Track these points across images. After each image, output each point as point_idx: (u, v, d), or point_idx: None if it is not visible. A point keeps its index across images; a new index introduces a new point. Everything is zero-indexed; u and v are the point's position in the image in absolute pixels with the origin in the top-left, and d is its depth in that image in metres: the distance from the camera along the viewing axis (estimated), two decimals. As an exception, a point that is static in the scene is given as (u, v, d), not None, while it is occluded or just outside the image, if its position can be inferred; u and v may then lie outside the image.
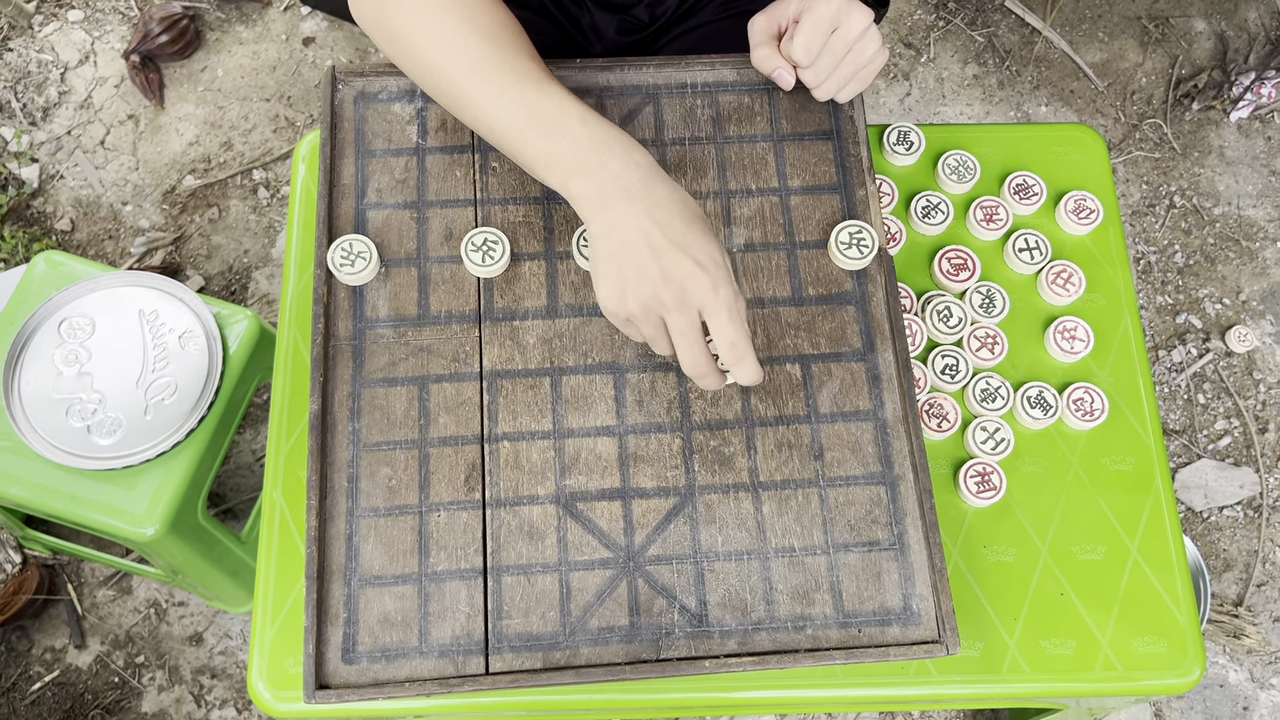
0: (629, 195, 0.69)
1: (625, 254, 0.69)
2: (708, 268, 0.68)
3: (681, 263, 0.68)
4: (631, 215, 0.69)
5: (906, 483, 0.76)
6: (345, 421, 0.75)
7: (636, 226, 0.69)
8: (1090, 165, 0.96)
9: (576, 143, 0.70)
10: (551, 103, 0.72)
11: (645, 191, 0.69)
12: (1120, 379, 0.88)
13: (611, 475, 0.75)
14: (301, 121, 1.63)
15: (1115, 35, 1.74)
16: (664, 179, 0.71)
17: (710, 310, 0.68)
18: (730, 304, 0.68)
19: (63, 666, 1.32)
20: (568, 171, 0.71)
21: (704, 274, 0.67)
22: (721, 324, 0.68)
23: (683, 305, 0.68)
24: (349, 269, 0.78)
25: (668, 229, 0.68)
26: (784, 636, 0.72)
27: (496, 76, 0.73)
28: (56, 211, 1.57)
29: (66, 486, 1.07)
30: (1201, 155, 1.66)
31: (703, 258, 0.68)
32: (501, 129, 0.73)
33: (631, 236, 0.69)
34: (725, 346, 0.68)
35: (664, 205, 0.69)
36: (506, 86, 0.72)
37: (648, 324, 0.70)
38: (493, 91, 0.73)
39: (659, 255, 0.68)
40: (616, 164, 0.70)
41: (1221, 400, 1.52)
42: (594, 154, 0.70)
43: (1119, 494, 0.84)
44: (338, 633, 0.71)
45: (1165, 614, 0.82)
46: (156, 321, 1.11)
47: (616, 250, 0.69)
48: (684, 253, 0.68)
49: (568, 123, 0.71)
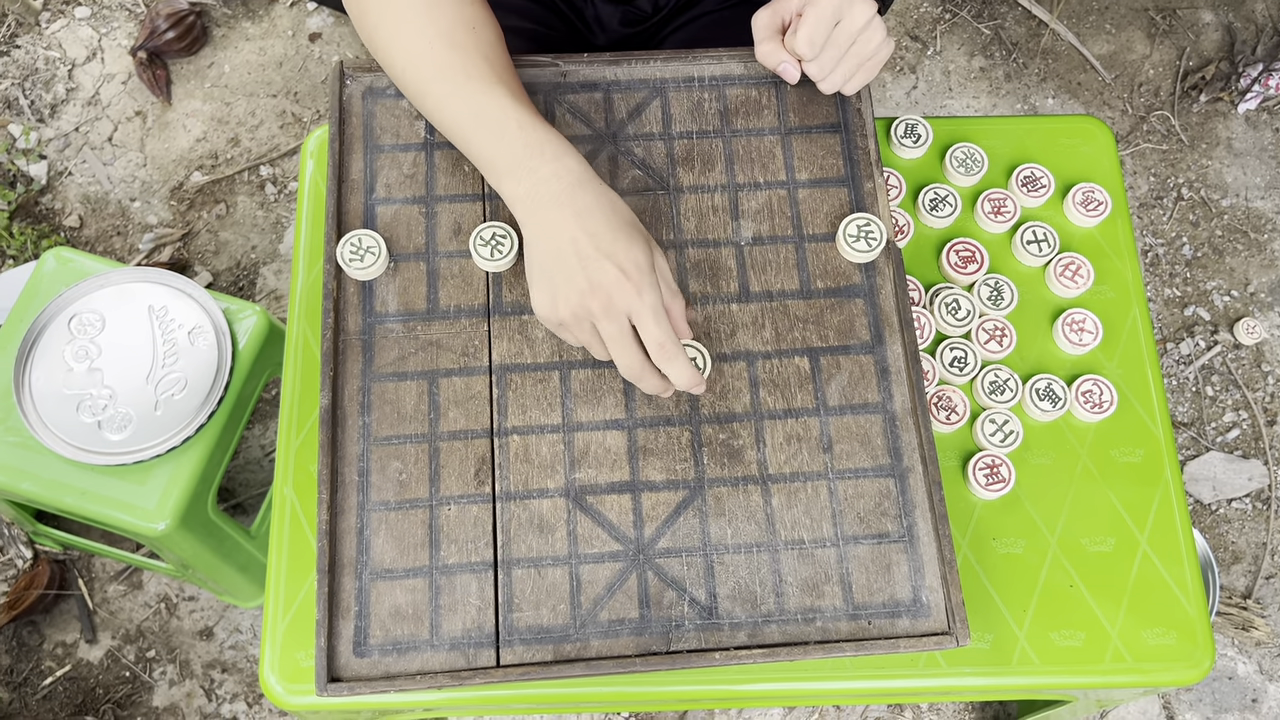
0: (557, 201, 0.71)
1: (554, 262, 0.71)
2: (631, 274, 0.69)
3: (607, 271, 0.69)
4: (560, 222, 0.71)
5: (916, 475, 0.76)
6: (355, 416, 0.76)
7: (565, 234, 0.70)
8: (1098, 157, 0.95)
9: (511, 146, 0.73)
10: (494, 105, 0.74)
11: (573, 198, 0.71)
12: (1129, 371, 0.88)
13: (621, 468, 0.75)
14: (308, 117, 1.64)
15: (1122, 27, 1.73)
16: (594, 185, 0.72)
17: (636, 315, 0.70)
18: (654, 307, 0.69)
19: (74, 661, 1.33)
20: (501, 173, 0.73)
21: (628, 281, 0.69)
22: (647, 328, 0.70)
23: (609, 312, 0.69)
24: (358, 264, 0.78)
25: (595, 237, 0.70)
26: (794, 629, 0.72)
27: (449, 77, 0.75)
28: (65, 208, 1.57)
29: (77, 482, 1.08)
30: (1209, 147, 1.66)
31: (627, 264, 0.69)
32: (451, 128, 0.76)
33: (560, 244, 0.70)
34: (654, 349, 0.70)
35: (592, 212, 0.71)
36: (456, 87, 0.74)
37: (581, 330, 0.71)
38: (444, 91, 0.75)
39: (585, 264, 0.69)
40: (547, 169, 0.72)
41: (1230, 392, 1.52)
42: (526, 157, 0.72)
43: (1128, 486, 0.84)
44: (349, 626, 0.71)
45: (1175, 605, 0.82)
46: (166, 317, 1.12)
47: (546, 258, 0.71)
48: (609, 260, 0.69)
49: (505, 126, 0.73)
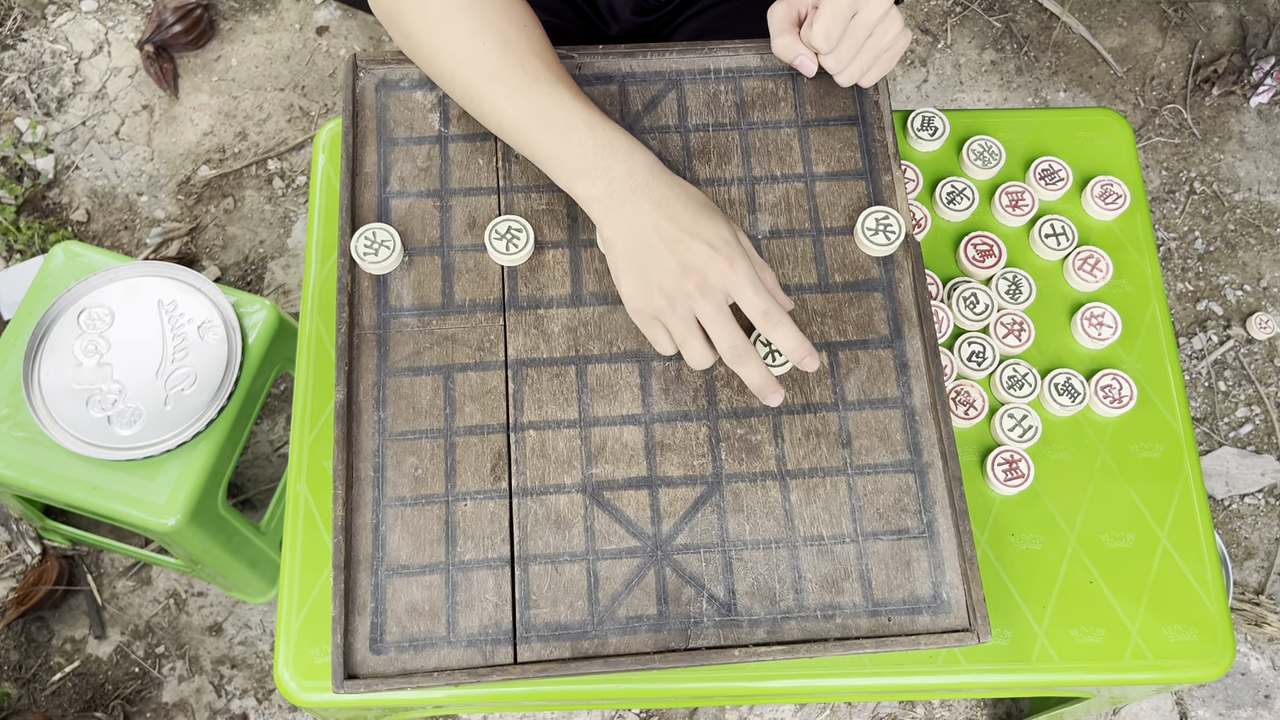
0: (634, 196, 0.71)
1: (641, 252, 0.71)
2: (721, 249, 0.70)
3: (697, 249, 0.70)
4: (639, 214, 0.71)
5: (935, 470, 0.75)
6: (371, 411, 0.75)
7: (648, 223, 0.71)
8: (1116, 150, 0.95)
9: (581, 147, 0.73)
10: (559, 107, 0.73)
11: (649, 190, 0.72)
12: (1148, 365, 0.87)
13: (638, 464, 0.75)
14: (316, 111, 1.63)
15: (1134, 20, 1.72)
16: (666, 175, 0.73)
17: (733, 287, 0.70)
18: (749, 277, 0.70)
19: (83, 657, 1.32)
20: (574, 174, 0.73)
21: (719, 255, 0.70)
22: (747, 297, 0.70)
23: (706, 290, 0.70)
24: (372, 258, 0.77)
25: (677, 220, 0.71)
26: (813, 625, 0.72)
27: (506, 77, 0.74)
28: (72, 202, 1.57)
29: (87, 477, 1.07)
30: (1221, 141, 1.65)
31: (715, 240, 0.70)
32: (511, 130, 0.75)
33: (644, 234, 0.71)
34: (758, 316, 0.70)
35: (669, 200, 0.71)
36: (516, 88, 0.74)
37: (676, 317, 0.71)
38: (502, 93, 0.74)
39: (673, 247, 0.70)
40: (620, 167, 0.72)
41: (1243, 387, 1.51)
42: (598, 158, 0.72)
43: (1148, 481, 0.84)
44: (365, 623, 0.70)
45: (1195, 602, 0.81)
46: (175, 312, 1.11)
47: (632, 250, 0.72)
48: (697, 239, 0.70)
49: (573, 127, 0.73)
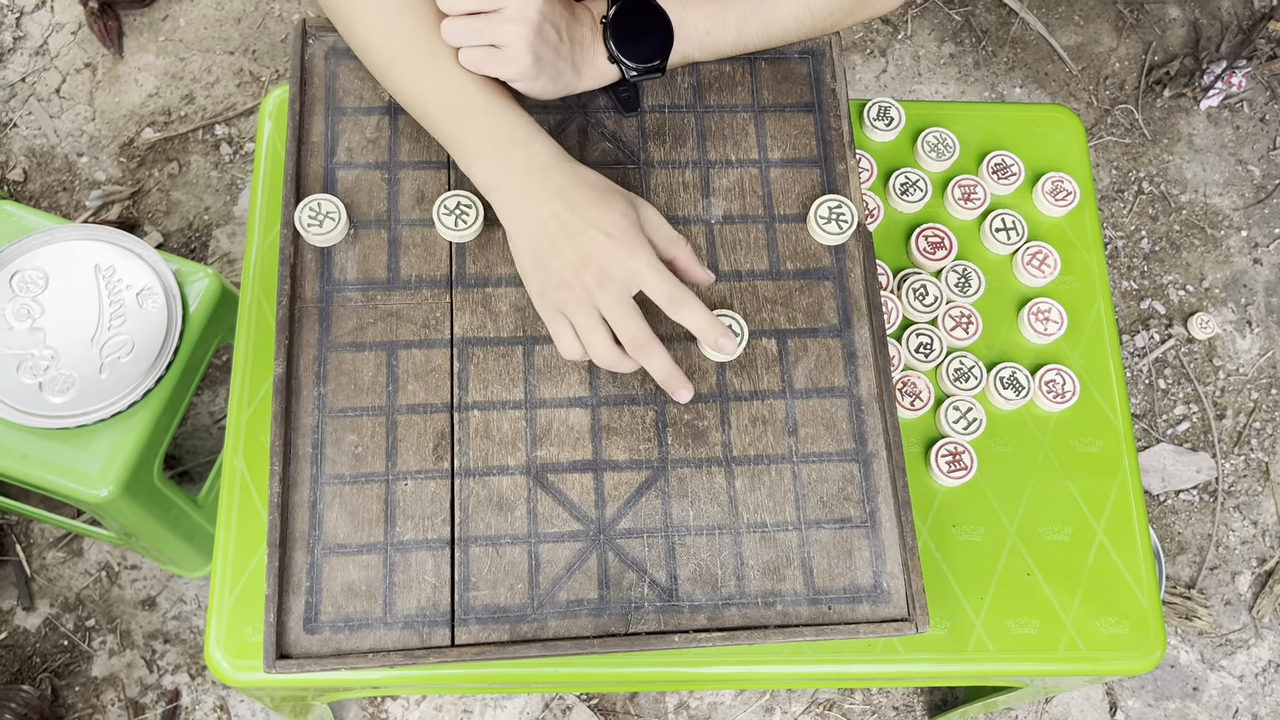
0: (532, 184, 0.70)
1: (541, 244, 0.69)
2: (618, 236, 0.68)
3: (594, 239, 0.68)
4: (537, 204, 0.69)
5: (880, 460, 0.75)
6: (311, 386, 0.74)
7: (546, 212, 0.69)
8: (1068, 147, 0.95)
9: (479, 133, 0.71)
10: (460, 89, 0.71)
11: (547, 178, 0.70)
12: (1091, 361, 0.88)
13: (583, 447, 0.74)
14: (266, 76, 1.59)
15: (1091, 19, 1.74)
16: (567, 163, 0.71)
17: (634, 276, 0.68)
18: (650, 263, 0.68)
19: (10, 629, 1.29)
20: (471, 160, 0.71)
21: (616, 243, 0.68)
22: (650, 283, 0.68)
23: (604, 281, 0.68)
24: (317, 229, 0.76)
25: (576, 209, 0.69)
26: (754, 612, 0.72)
27: (415, 55, 0.72)
28: (9, 161, 1.52)
29: (17, 445, 1.04)
30: (1171, 142, 1.67)
31: (612, 229, 0.68)
32: (416, 108, 0.73)
33: (544, 224, 0.69)
34: (664, 302, 0.68)
35: (568, 188, 0.69)
36: (422, 67, 0.72)
37: (578, 310, 0.69)
38: (410, 70, 0.72)
39: (572, 238, 0.68)
40: (520, 154, 0.70)
41: (1182, 386, 1.54)
42: (496, 144, 0.70)
43: (1087, 476, 0.85)
44: (300, 602, 0.69)
45: (1128, 596, 0.82)
46: (113, 277, 1.08)
47: (532, 243, 0.70)
48: (594, 228, 0.68)
49: (474, 112, 0.71)
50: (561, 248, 0.68)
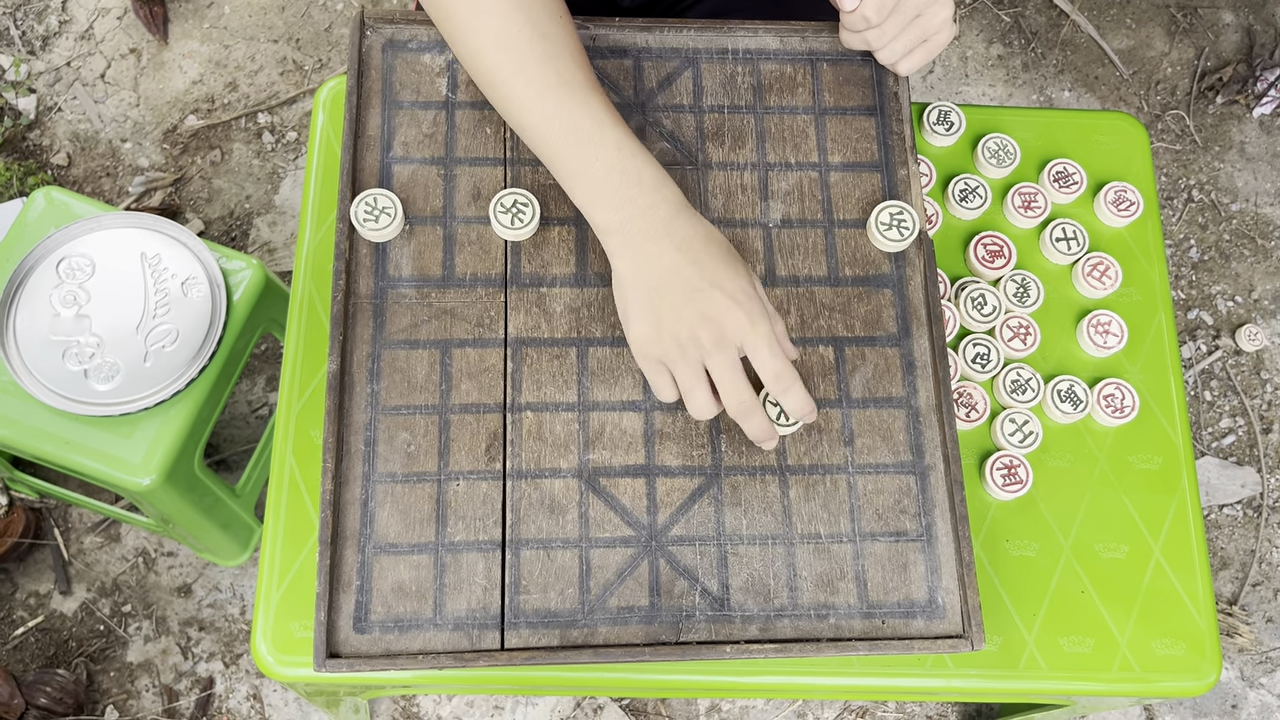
0: (655, 233, 0.68)
1: (658, 294, 0.67)
2: (743, 303, 0.67)
3: (716, 301, 0.66)
4: (660, 254, 0.67)
5: (937, 473, 0.74)
6: (364, 383, 0.73)
7: (668, 264, 0.67)
8: (1131, 155, 0.93)
9: (608, 170, 0.68)
10: (589, 120, 0.69)
11: (671, 229, 0.68)
12: (1151, 376, 0.86)
13: (636, 451, 0.73)
14: (310, 65, 1.59)
15: (1143, 22, 1.71)
16: (691, 214, 0.69)
17: (750, 346, 0.67)
18: (769, 338, 0.67)
19: (47, 612, 1.30)
20: (594, 198, 0.69)
21: (740, 310, 0.66)
22: (763, 359, 0.67)
23: (721, 344, 0.67)
24: (372, 224, 0.75)
25: (700, 266, 0.67)
26: (806, 624, 0.70)
27: (536, 75, 0.69)
28: (53, 145, 1.52)
29: (61, 431, 1.04)
30: (1222, 150, 1.64)
31: (738, 294, 0.67)
32: (532, 132, 0.71)
33: (662, 276, 0.67)
34: (770, 379, 0.68)
35: (692, 243, 0.68)
36: (545, 89, 0.69)
37: (685, 366, 0.68)
38: (530, 91, 0.69)
39: (693, 295, 0.67)
40: (645, 199, 0.68)
41: (1228, 398, 1.51)
42: (623, 185, 0.68)
43: (1145, 493, 0.83)
44: (350, 600, 0.69)
45: (1185, 616, 0.81)
46: (159, 266, 1.08)
47: (647, 290, 0.68)
48: (718, 290, 0.66)
49: (602, 146, 0.68)
50: (680, 302, 0.67)
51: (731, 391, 0.68)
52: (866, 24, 0.76)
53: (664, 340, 0.68)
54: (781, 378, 0.68)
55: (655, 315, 0.68)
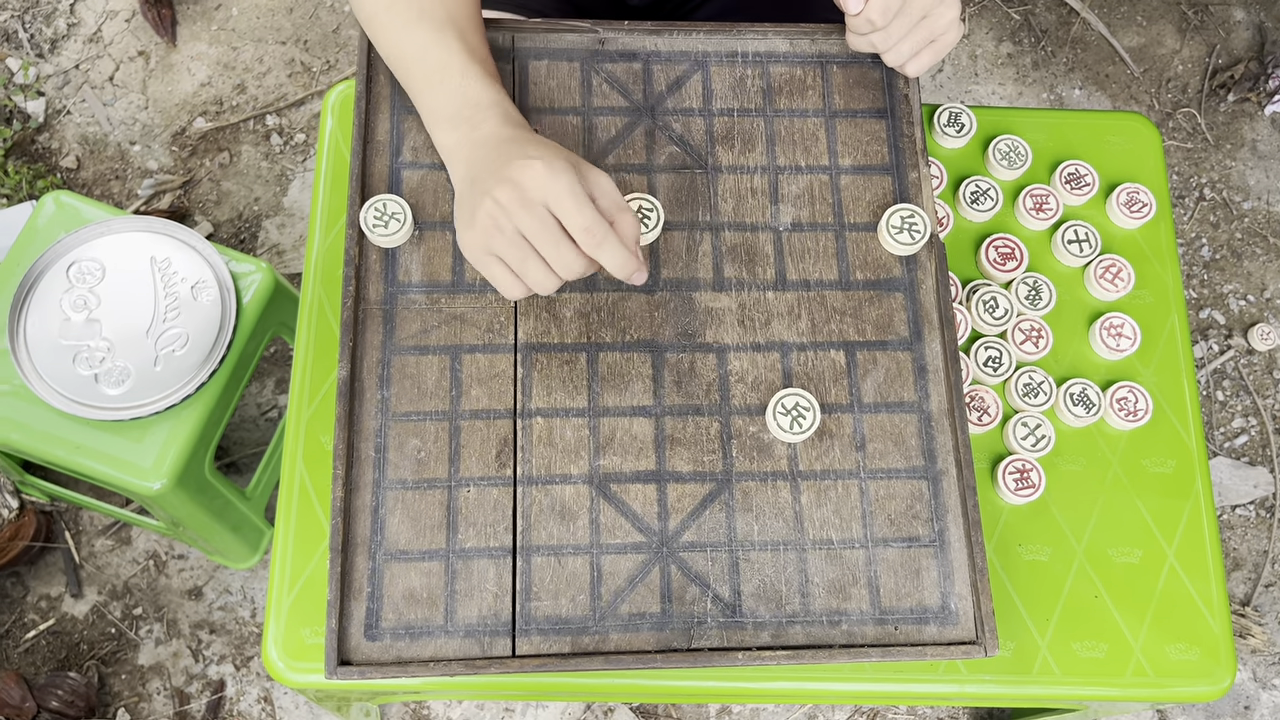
0: (483, 141, 0.69)
1: (471, 186, 0.68)
2: (539, 156, 0.64)
3: (516, 164, 0.65)
4: (485, 152, 0.68)
5: (949, 478, 0.74)
6: (374, 389, 0.73)
7: (482, 157, 0.68)
8: (1144, 156, 0.93)
9: (449, 95, 0.71)
10: (441, 49, 0.71)
11: (499, 136, 0.69)
12: (1165, 379, 0.86)
13: (647, 457, 0.73)
14: (318, 67, 1.59)
15: (1154, 20, 1.70)
16: (522, 125, 0.70)
17: (552, 200, 0.64)
18: (571, 188, 0.63)
19: (58, 615, 1.30)
20: (439, 121, 0.72)
21: (538, 162, 0.64)
22: (567, 210, 0.64)
23: (524, 203, 0.64)
24: (382, 230, 0.75)
25: (507, 149, 0.66)
26: (819, 631, 0.70)
27: (403, 10, 0.73)
28: (62, 148, 1.52)
29: (71, 435, 1.05)
30: (1234, 148, 1.63)
31: (537, 152, 0.65)
32: (394, 64, 0.74)
33: (479, 168, 0.67)
34: (580, 234, 0.64)
35: (516, 138, 0.68)
36: (407, 22, 0.72)
37: (503, 240, 0.65)
38: (396, 24, 0.73)
39: (498, 170, 0.65)
40: (479, 117, 0.70)
41: (1240, 398, 1.50)
42: (463, 109, 0.70)
43: (1158, 497, 0.83)
44: (361, 608, 0.68)
45: (1199, 621, 0.80)
46: (169, 270, 1.08)
47: (465, 187, 0.69)
48: (521, 157, 0.65)
49: (449, 72, 0.71)
50: (485, 181, 0.66)
51: (552, 252, 0.64)
52: (872, 27, 0.76)
53: (480, 224, 0.66)
54: (592, 231, 0.64)
55: (471, 205, 0.67)
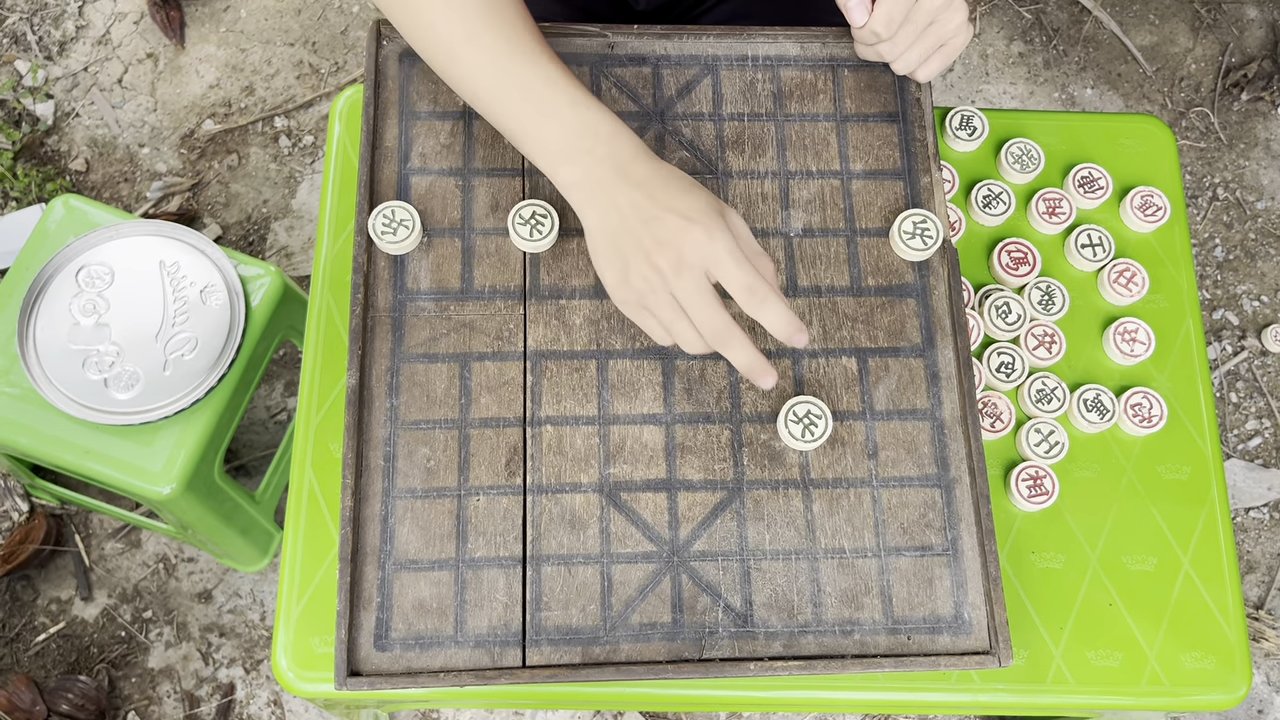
0: (612, 178, 0.66)
1: (619, 235, 0.66)
2: (699, 220, 0.64)
3: (670, 223, 0.64)
4: (617, 194, 0.66)
5: (963, 486, 0.73)
6: (383, 397, 0.72)
7: (625, 202, 0.66)
8: (1158, 159, 0.92)
9: (564, 127, 0.68)
10: (542, 79, 0.68)
11: (629, 172, 0.67)
12: (1180, 385, 0.85)
13: (657, 465, 0.72)
14: (326, 69, 1.59)
15: (1166, 18, 1.69)
16: (649, 157, 0.68)
17: (712, 262, 0.64)
18: (730, 250, 0.64)
19: (68, 618, 1.30)
20: (555, 157, 0.68)
21: (696, 227, 0.64)
22: (728, 272, 0.64)
23: (681, 268, 0.64)
24: (390, 237, 0.74)
25: (654, 197, 0.65)
26: (831, 641, 0.70)
27: (487, 42, 0.69)
28: (71, 151, 1.52)
29: (81, 440, 1.05)
30: (1247, 147, 1.62)
31: (692, 213, 0.64)
32: (486, 100, 0.70)
33: (622, 214, 0.66)
34: (741, 293, 0.64)
35: (650, 180, 0.66)
36: (497, 55, 0.69)
37: (658, 301, 0.65)
38: (482, 59, 0.69)
39: (648, 223, 0.65)
40: (602, 149, 0.67)
41: (1254, 400, 1.49)
42: (580, 139, 0.67)
43: (1173, 503, 0.82)
44: (370, 618, 0.68)
45: (1215, 629, 0.79)
46: (178, 274, 1.08)
47: (610, 234, 0.67)
48: (672, 213, 0.64)
49: (557, 103, 0.68)
50: (637, 234, 0.65)
51: (702, 317, 0.64)
52: (877, 38, 0.75)
53: (632, 280, 0.66)
54: (754, 290, 0.64)
55: (620, 257, 0.66)
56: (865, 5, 0.74)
